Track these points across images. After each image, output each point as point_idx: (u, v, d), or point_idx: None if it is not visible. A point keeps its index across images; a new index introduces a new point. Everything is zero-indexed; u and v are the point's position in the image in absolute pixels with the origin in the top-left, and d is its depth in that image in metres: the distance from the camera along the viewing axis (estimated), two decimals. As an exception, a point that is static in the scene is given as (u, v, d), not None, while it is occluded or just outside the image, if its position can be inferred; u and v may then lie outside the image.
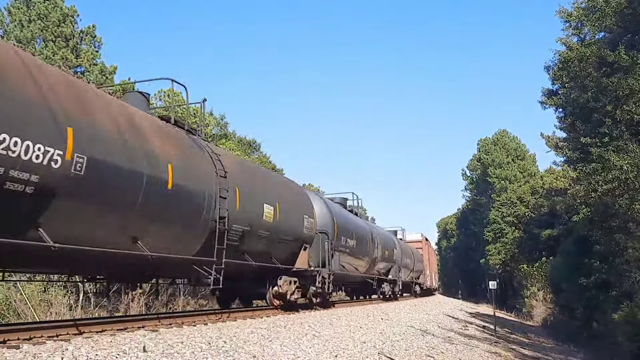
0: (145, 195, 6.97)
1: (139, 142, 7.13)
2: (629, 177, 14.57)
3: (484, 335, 16.67)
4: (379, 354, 8.14)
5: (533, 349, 16.53)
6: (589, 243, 21.45)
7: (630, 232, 16.36)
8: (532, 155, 55.72)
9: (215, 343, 6.52)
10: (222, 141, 27.61)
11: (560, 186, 33.22)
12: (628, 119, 15.23)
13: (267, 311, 11.45)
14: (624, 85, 15.00)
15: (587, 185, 17.26)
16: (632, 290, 17.32)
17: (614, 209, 16.73)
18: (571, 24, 21.13)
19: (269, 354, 6.52)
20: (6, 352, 4.80)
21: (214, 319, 9.47)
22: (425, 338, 11.57)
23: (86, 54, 21.38)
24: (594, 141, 17.01)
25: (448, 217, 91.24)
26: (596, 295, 21.51)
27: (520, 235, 45.38)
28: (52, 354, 4.86)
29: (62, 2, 21.54)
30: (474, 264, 60.00)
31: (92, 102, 6.64)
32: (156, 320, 8.62)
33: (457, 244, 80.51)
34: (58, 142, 5.63)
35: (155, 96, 29.69)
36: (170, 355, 5.57)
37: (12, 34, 20.03)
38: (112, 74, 22.20)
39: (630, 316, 15.52)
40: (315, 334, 8.67)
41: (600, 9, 17.76)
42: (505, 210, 47.42)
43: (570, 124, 21.94)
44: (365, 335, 9.81)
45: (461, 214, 74.22)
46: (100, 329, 6.96)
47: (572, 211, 26.50)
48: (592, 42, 18.74)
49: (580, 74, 18.35)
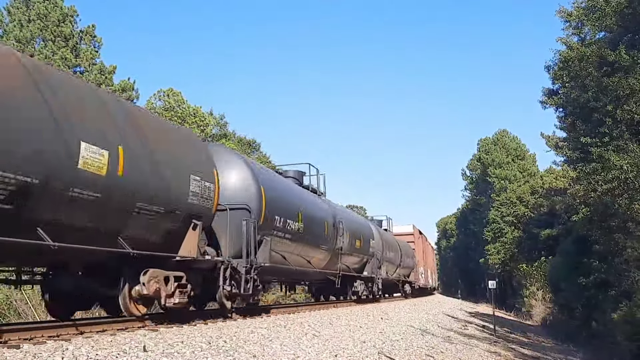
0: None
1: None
2: (628, 176, 14.59)
3: (484, 334, 16.69)
4: (378, 353, 8.15)
5: (532, 348, 16.54)
6: (589, 243, 21.48)
7: (629, 232, 16.37)
8: (532, 155, 55.80)
9: (216, 343, 6.53)
10: (222, 141, 27.63)
11: (560, 186, 33.27)
12: (628, 119, 15.25)
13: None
14: (624, 84, 15.01)
15: (587, 185, 17.29)
16: (631, 289, 17.32)
17: (613, 209, 16.75)
18: (571, 24, 21.15)
19: (269, 354, 6.53)
20: (6, 352, 4.80)
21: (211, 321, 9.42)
22: (425, 337, 11.58)
23: (85, 53, 21.38)
24: (594, 141, 17.02)
25: (448, 217, 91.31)
26: (595, 295, 21.54)
27: (520, 235, 45.43)
28: (52, 354, 4.86)
29: (61, 2, 21.55)
30: (474, 263, 60.05)
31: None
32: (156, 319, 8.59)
33: (456, 244, 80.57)
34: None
35: (155, 96, 29.70)
36: (171, 354, 5.57)
37: (11, 34, 20.03)
38: (112, 73, 22.22)
39: (629, 316, 15.54)
40: (315, 334, 8.68)
41: (600, 8, 17.78)
42: (505, 210, 47.46)
43: (570, 124, 21.97)
44: (365, 334, 9.82)
45: (461, 213, 74.28)
46: (101, 328, 6.96)
47: (571, 211, 26.54)
48: (593, 42, 18.78)
49: (580, 74, 18.38)
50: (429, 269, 38.98)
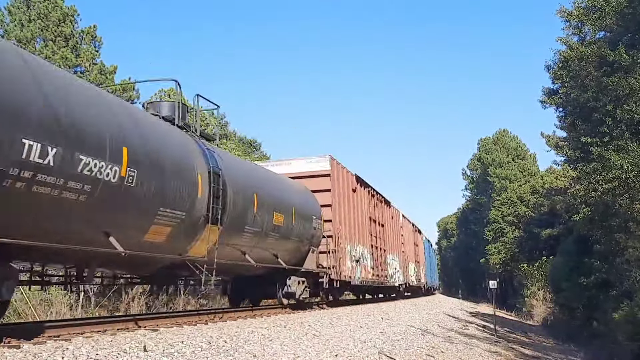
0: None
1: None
2: (629, 176, 14.57)
3: (484, 334, 16.68)
4: (379, 353, 8.15)
5: (533, 348, 16.52)
6: (589, 242, 21.45)
7: (630, 232, 16.33)
8: (533, 154, 55.73)
9: (216, 342, 6.52)
10: (222, 141, 27.61)
11: (560, 186, 33.23)
12: (628, 119, 15.22)
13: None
14: (624, 84, 15.00)
15: (587, 184, 17.27)
16: (632, 289, 17.28)
17: (614, 209, 16.72)
18: (571, 24, 21.12)
19: (270, 354, 6.52)
20: (7, 352, 4.80)
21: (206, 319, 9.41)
22: (426, 337, 11.57)
23: (86, 53, 21.38)
24: (594, 140, 16.98)
25: (448, 217, 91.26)
26: (596, 295, 21.50)
27: (521, 234, 45.38)
28: (52, 354, 4.86)
29: (62, 2, 21.53)
30: (474, 263, 59.99)
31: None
32: (156, 319, 8.60)
33: (457, 244, 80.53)
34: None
35: (156, 96, 29.70)
36: (171, 354, 5.57)
37: (12, 34, 20.02)
38: (112, 73, 22.20)
39: (631, 315, 15.51)
40: (315, 334, 8.67)
41: (600, 8, 17.74)
42: (506, 210, 47.42)
43: (570, 124, 21.93)
44: (365, 334, 9.81)
45: (461, 213, 74.22)
46: (101, 328, 6.96)
47: (572, 210, 26.49)
48: (593, 42, 18.74)
49: (580, 73, 18.37)
50: (416, 261, 30.79)
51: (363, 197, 18.29)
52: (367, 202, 18.69)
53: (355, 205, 17.00)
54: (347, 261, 15.30)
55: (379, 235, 19.98)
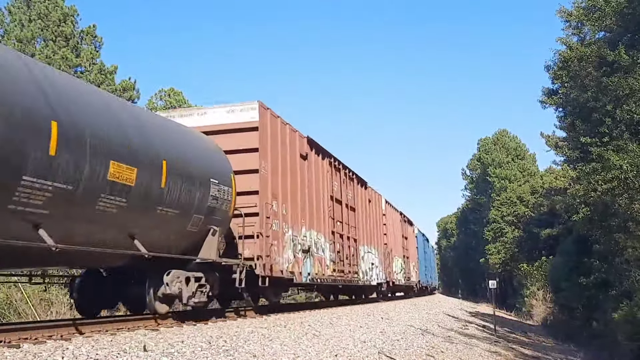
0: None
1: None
2: (628, 176, 14.59)
3: (484, 334, 16.69)
4: (379, 353, 8.16)
5: (533, 348, 16.54)
6: (589, 242, 21.45)
7: (629, 232, 16.34)
8: (532, 154, 55.81)
9: (216, 342, 6.53)
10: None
11: (560, 186, 33.26)
12: (628, 119, 15.24)
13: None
14: (624, 84, 15.01)
15: (587, 184, 17.28)
16: (632, 289, 17.30)
17: (613, 209, 16.73)
18: (571, 24, 21.13)
19: (270, 354, 6.53)
20: (7, 352, 4.81)
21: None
22: (425, 337, 11.59)
23: (86, 53, 21.39)
24: (593, 141, 17.00)
25: (448, 217, 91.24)
26: (596, 295, 21.50)
27: (520, 234, 45.40)
28: (52, 353, 4.87)
29: (62, 2, 21.55)
30: (474, 263, 60.00)
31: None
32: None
33: (457, 244, 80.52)
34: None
35: (156, 95, 29.72)
36: (171, 354, 5.57)
37: (12, 34, 20.04)
38: (112, 73, 22.22)
39: (630, 315, 15.51)
40: (315, 333, 8.67)
41: (600, 8, 17.77)
42: (505, 210, 47.43)
43: (570, 124, 21.94)
44: (365, 334, 9.82)
45: (461, 213, 74.24)
46: (101, 328, 6.96)
47: (571, 210, 26.47)
48: (592, 42, 18.76)
49: (580, 74, 18.39)
50: (408, 257, 27.31)
51: (320, 168, 14.12)
52: (327, 176, 14.50)
53: (305, 178, 12.98)
54: (287, 250, 11.27)
55: (346, 221, 15.71)
